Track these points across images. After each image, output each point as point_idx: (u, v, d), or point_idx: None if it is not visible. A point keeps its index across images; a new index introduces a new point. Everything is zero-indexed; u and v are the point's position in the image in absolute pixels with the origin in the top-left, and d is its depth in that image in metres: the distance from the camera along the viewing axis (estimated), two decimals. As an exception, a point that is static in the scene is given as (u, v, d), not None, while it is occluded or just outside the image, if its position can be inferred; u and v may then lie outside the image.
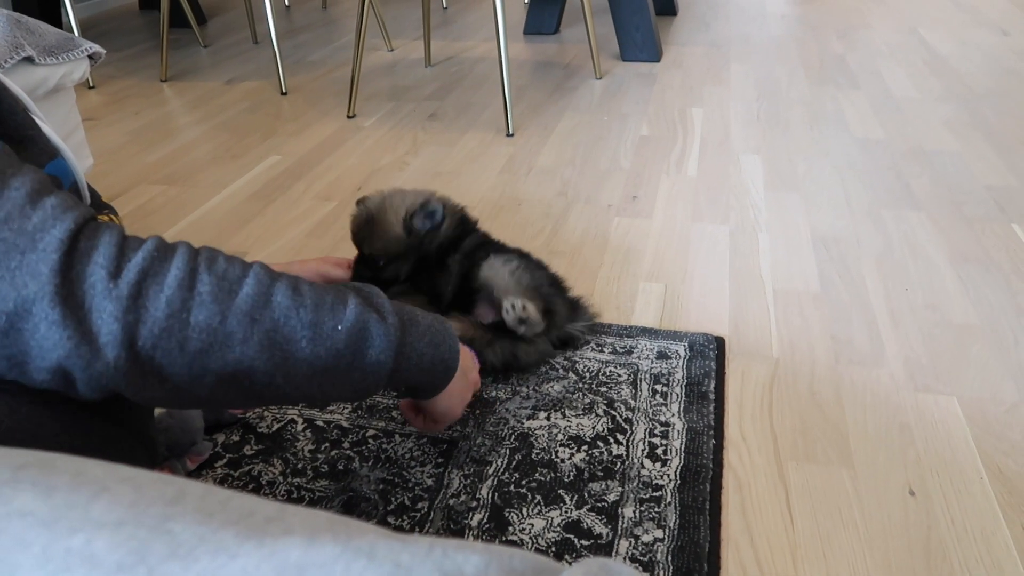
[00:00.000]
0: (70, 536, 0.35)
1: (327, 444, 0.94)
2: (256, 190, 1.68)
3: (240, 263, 0.59)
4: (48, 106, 1.22)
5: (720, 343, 1.12)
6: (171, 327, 0.54)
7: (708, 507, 0.85)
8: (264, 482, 0.88)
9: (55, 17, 2.80)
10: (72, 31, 2.54)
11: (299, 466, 0.91)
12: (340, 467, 0.90)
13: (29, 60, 1.17)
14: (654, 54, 2.54)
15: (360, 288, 0.68)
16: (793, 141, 1.88)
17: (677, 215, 1.53)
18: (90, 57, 1.31)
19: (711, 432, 0.95)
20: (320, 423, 0.97)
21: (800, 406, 1.01)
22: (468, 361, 0.83)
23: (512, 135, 1.95)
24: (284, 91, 2.32)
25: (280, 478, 0.89)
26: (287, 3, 3.62)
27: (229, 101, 2.27)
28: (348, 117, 2.11)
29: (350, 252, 1.42)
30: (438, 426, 0.86)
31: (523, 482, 0.88)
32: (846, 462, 0.92)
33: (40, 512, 0.36)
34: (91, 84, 2.44)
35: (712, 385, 1.03)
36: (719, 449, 0.93)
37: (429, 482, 0.88)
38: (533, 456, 0.92)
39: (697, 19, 3.13)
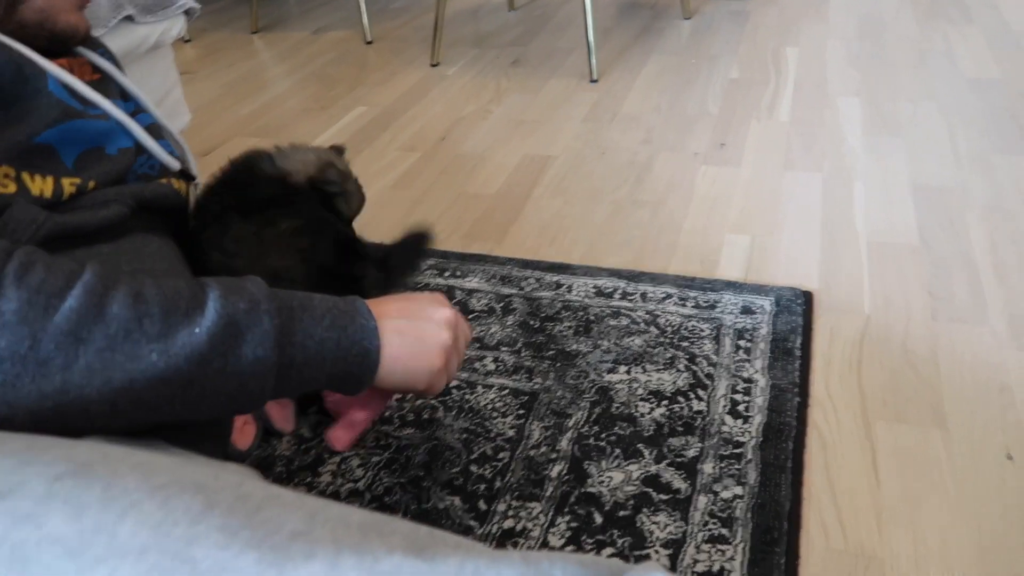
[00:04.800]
0: (95, 568, 0.35)
1: (412, 394, 0.97)
2: (344, 141, 1.72)
3: (67, 270, 0.49)
4: (147, 64, 1.27)
5: (808, 297, 1.09)
6: None
7: (790, 465, 0.84)
8: (354, 428, 0.92)
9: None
10: (168, -15, 2.62)
11: (386, 414, 0.94)
12: (425, 416, 0.94)
13: (129, 19, 1.22)
14: (747, -10, 2.42)
15: (226, 280, 0.56)
16: (897, 82, 1.77)
17: (767, 163, 1.48)
18: (185, 13, 1.35)
19: (795, 390, 0.93)
20: (406, 373, 1.00)
21: (892, 364, 0.98)
22: (441, 321, 0.66)
23: (596, 81, 1.91)
24: (369, 40, 2.34)
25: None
26: (372, -52, 3.61)
27: (316, 51, 2.31)
28: (432, 65, 2.11)
29: (435, 203, 1.44)
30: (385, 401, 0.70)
31: (603, 435, 0.89)
32: (939, 423, 0.89)
33: (69, 538, 0.36)
34: (186, 38, 2.52)
35: (798, 341, 1.01)
36: (803, 407, 0.92)
37: (510, 433, 0.91)
38: (613, 410, 0.93)
39: (795, -50, 2.95)
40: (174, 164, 0.81)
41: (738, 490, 0.81)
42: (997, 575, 0.73)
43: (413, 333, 0.63)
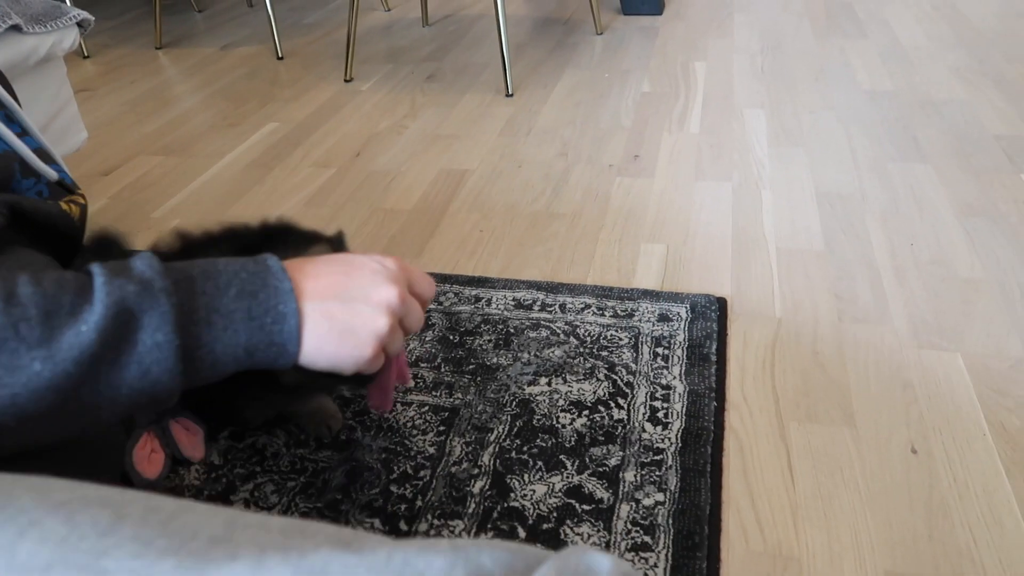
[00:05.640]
0: None
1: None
2: (254, 158, 1.67)
3: None
4: (39, 78, 1.21)
5: (722, 304, 1.11)
6: None
7: (709, 469, 0.85)
8: (269, 455, 0.89)
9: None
10: (64, -1, 2.50)
11: (302, 437, 0.91)
12: (343, 437, 0.91)
13: (17, 29, 1.15)
14: (656, 7, 2.49)
15: (113, 262, 0.51)
16: (798, 95, 1.85)
17: (679, 174, 1.51)
18: (79, 25, 1.29)
19: (712, 394, 0.95)
20: (322, 394, 0.98)
21: (802, 366, 1.01)
22: (380, 304, 0.57)
23: (512, 95, 1.92)
24: (280, 56, 2.29)
25: (284, 450, 0.89)
26: (282, -36, 3.55)
27: (225, 67, 2.24)
28: (345, 81, 2.08)
29: (350, 220, 1.41)
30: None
31: (524, 448, 0.88)
32: (848, 421, 0.92)
33: None
34: (85, 54, 2.41)
35: (714, 347, 1.02)
36: (720, 411, 0.93)
37: (431, 450, 0.89)
38: (534, 422, 0.92)
39: (700, -31, 3.05)
40: (51, 174, 0.75)
41: (659, 497, 0.82)
42: (908, 565, 0.76)
43: (343, 317, 0.55)
